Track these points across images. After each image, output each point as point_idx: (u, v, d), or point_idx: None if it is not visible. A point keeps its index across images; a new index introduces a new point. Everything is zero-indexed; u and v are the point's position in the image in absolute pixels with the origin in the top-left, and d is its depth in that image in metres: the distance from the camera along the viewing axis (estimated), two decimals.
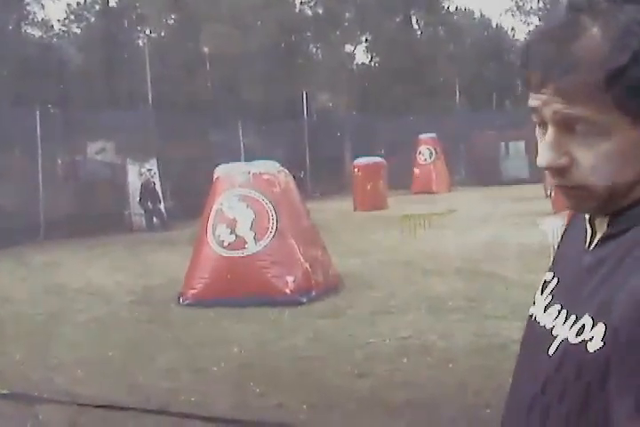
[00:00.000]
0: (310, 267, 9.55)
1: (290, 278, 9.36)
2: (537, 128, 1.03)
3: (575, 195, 1.02)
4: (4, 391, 6.22)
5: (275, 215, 9.61)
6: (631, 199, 1.00)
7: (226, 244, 9.55)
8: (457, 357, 6.65)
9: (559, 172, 1.00)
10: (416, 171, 29.97)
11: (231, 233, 9.56)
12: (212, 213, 9.83)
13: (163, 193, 21.74)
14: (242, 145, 26.63)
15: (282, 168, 10.36)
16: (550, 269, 1.18)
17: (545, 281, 1.16)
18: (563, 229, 1.25)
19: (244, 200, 9.72)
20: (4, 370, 6.89)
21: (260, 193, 9.71)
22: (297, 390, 6.01)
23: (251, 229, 9.55)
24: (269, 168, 10.18)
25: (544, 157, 1.00)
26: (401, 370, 6.40)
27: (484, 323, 7.74)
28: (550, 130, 1.00)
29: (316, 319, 8.46)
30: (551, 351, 1.01)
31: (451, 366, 6.42)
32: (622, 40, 0.92)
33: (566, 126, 0.98)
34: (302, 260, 9.54)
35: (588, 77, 0.93)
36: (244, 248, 9.48)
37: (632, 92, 0.93)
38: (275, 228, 9.54)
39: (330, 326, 8.15)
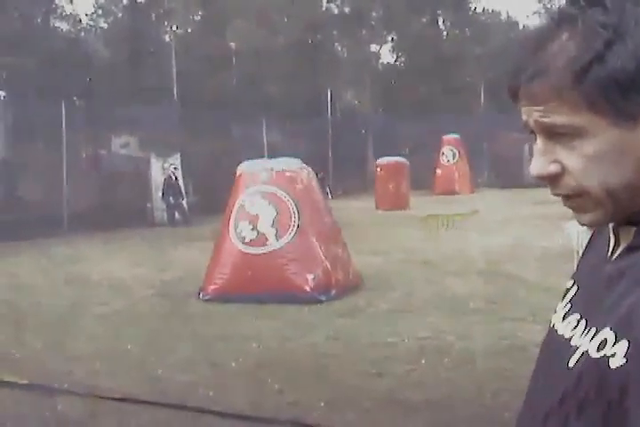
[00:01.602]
0: (331, 265, 9.54)
1: (310, 276, 9.35)
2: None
3: (577, 204, 1.01)
4: (24, 382, 6.26)
5: (296, 212, 9.61)
6: None
7: (247, 240, 9.56)
8: (475, 358, 6.62)
9: (552, 180, 1.00)
10: (438, 171, 29.89)
11: (253, 229, 9.57)
12: (234, 210, 9.84)
13: (185, 188, 21.81)
14: (265, 142, 26.66)
15: (304, 165, 10.36)
16: (572, 277, 1.17)
17: (567, 289, 1.15)
18: (589, 235, 1.23)
19: (266, 197, 9.72)
20: (23, 360, 6.94)
21: (282, 190, 9.71)
22: (314, 387, 6.00)
23: (272, 225, 9.56)
24: (292, 165, 10.18)
25: (533, 166, 1.01)
26: (419, 370, 6.38)
27: (503, 325, 7.71)
28: (538, 139, 1.00)
29: (336, 318, 8.45)
30: (571, 363, 0.99)
31: (469, 367, 6.40)
32: (586, 41, 0.93)
33: (549, 134, 0.98)
34: (323, 258, 9.54)
35: (555, 80, 0.94)
36: (266, 245, 9.49)
37: (600, 92, 0.93)
38: (296, 225, 9.54)
39: (349, 324, 8.15)
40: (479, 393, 5.69)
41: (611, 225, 1.07)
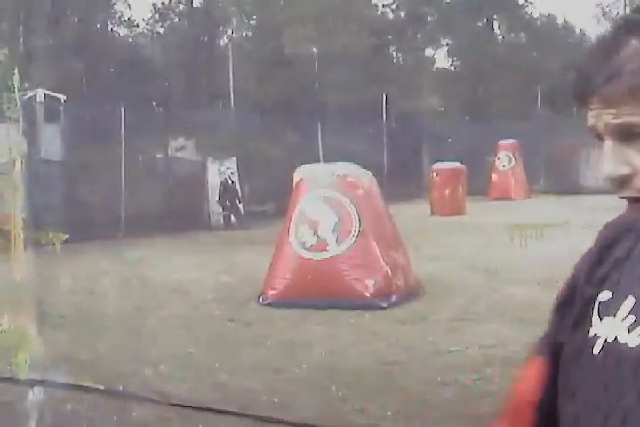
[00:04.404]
0: (391, 271, 9.47)
1: (370, 282, 9.29)
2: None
3: None
4: (87, 384, 6.29)
5: (357, 218, 9.56)
6: None
7: (307, 245, 9.53)
8: None
9: (622, 182, 1.02)
10: (494, 177, 29.57)
11: (313, 234, 9.54)
12: (295, 214, 9.82)
13: (241, 192, 21.90)
14: (320, 146, 26.64)
15: (365, 170, 10.30)
16: (605, 288, 1.09)
17: (600, 302, 1.08)
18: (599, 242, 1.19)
19: (327, 202, 9.69)
20: (88, 363, 6.98)
21: (343, 195, 9.67)
22: (379, 395, 5.94)
23: (333, 231, 9.51)
24: (353, 170, 10.14)
25: (604, 168, 1.03)
26: (485, 380, 6.28)
27: None
28: (607, 142, 1.02)
29: (397, 325, 8.39)
30: None
31: None
32: None
33: (621, 136, 1.01)
34: (383, 263, 9.47)
35: (630, 83, 0.97)
36: (326, 250, 9.45)
37: None
38: (357, 230, 9.49)
39: (410, 331, 8.07)
40: None
41: None
